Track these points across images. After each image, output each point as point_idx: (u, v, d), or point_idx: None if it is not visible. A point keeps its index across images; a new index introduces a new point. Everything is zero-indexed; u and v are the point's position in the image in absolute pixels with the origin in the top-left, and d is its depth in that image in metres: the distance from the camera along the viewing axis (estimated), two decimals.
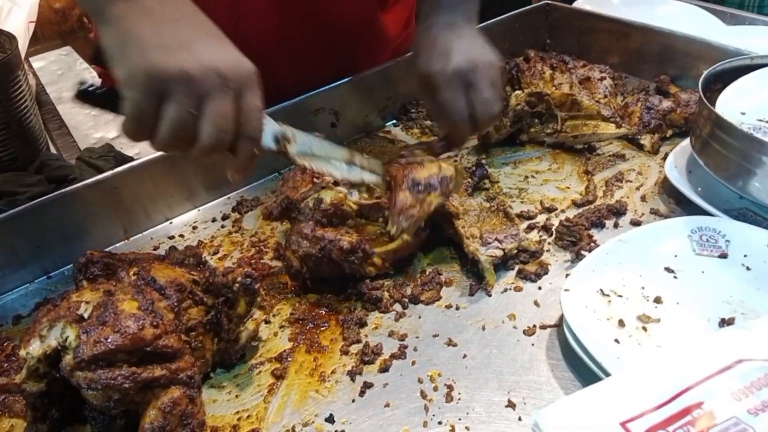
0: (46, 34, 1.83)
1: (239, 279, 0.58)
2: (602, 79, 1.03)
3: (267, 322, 0.68)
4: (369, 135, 1.01)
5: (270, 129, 0.63)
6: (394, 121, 1.05)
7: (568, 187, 0.86)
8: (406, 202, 0.69)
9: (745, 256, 0.68)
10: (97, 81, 1.24)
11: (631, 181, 0.86)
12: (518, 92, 0.93)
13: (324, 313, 0.68)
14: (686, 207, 0.79)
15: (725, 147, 0.73)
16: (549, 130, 0.94)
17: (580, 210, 0.81)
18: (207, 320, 0.59)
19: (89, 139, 1.15)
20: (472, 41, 0.81)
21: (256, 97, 0.58)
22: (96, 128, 1.17)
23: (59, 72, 1.36)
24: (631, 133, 0.92)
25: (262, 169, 0.90)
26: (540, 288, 0.70)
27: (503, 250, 0.72)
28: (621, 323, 0.61)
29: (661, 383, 0.35)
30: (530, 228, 0.79)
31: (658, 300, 0.64)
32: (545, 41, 1.23)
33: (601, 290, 0.65)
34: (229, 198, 0.89)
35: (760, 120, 0.76)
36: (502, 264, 0.72)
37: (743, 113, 0.77)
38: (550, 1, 1.21)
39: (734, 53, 0.97)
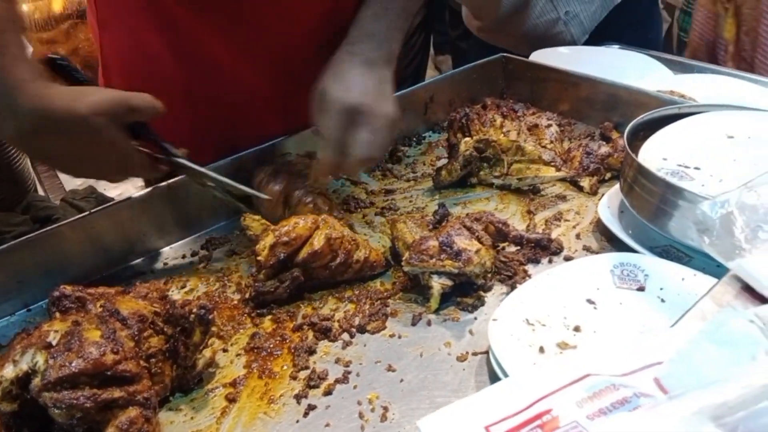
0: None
1: (194, 310, 0.65)
2: (549, 126, 1.12)
3: (225, 350, 0.74)
4: (336, 179, 1.09)
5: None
6: None
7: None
8: (428, 249, 0.78)
9: (661, 289, 0.75)
10: None
11: (568, 220, 0.94)
12: (467, 139, 1.02)
13: (278, 342, 0.74)
14: (616, 244, 0.86)
15: (645, 191, 0.81)
16: (496, 173, 1.02)
17: (519, 247, 0.88)
18: (166, 348, 0.66)
19: (75, 181, 1.23)
20: (378, 86, 0.86)
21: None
22: None
23: None
24: (569, 176, 1.01)
25: (229, 212, 0.97)
26: (476, 318, 0.76)
27: (453, 280, 0.78)
28: (541, 350, 0.68)
29: (523, 393, 0.42)
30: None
31: (577, 329, 0.71)
32: (502, 89, 1.32)
33: (527, 320, 0.72)
34: (199, 236, 0.96)
35: (680, 165, 0.84)
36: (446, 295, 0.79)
37: (665, 159, 0.85)
38: (506, 54, 1.30)
39: (668, 102, 1.06)
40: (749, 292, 0.48)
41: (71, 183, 1.20)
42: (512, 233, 0.86)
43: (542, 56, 1.49)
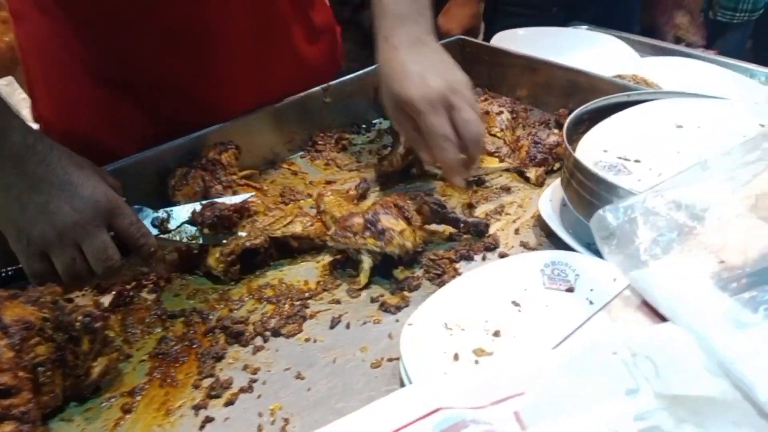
0: None
1: (79, 318, 0.61)
2: (499, 113, 1.07)
3: (129, 356, 0.70)
4: (274, 166, 1.05)
5: (148, 219, 0.78)
6: (302, 153, 1.08)
7: None
8: (352, 226, 0.76)
9: (591, 290, 0.71)
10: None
11: (509, 214, 0.89)
12: (404, 139, 0.97)
13: (185, 347, 0.71)
14: (555, 240, 0.82)
15: (580, 185, 0.76)
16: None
17: (454, 243, 0.84)
18: (55, 357, 0.62)
19: None
20: (442, 60, 0.81)
21: (125, 219, 0.72)
22: None
23: None
24: (512, 167, 0.96)
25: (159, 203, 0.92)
26: (398, 321, 0.72)
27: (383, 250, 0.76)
28: (456, 357, 0.64)
29: (375, 425, 0.38)
30: (412, 262, 0.81)
31: (496, 333, 0.67)
32: None
33: (446, 324, 0.68)
34: None
35: (620, 158, 0.79)
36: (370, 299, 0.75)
37: (605, 151, 0.81)
38: (463, 37, 1.24)
39: (621, 89, 1.01)
40: (649, 307, 0.44)
41: None
42: (449, 215, 0.82)
43: (504, 38, 1.43)
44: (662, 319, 0.42)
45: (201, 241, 0.80)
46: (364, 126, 1.15)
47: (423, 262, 0.80)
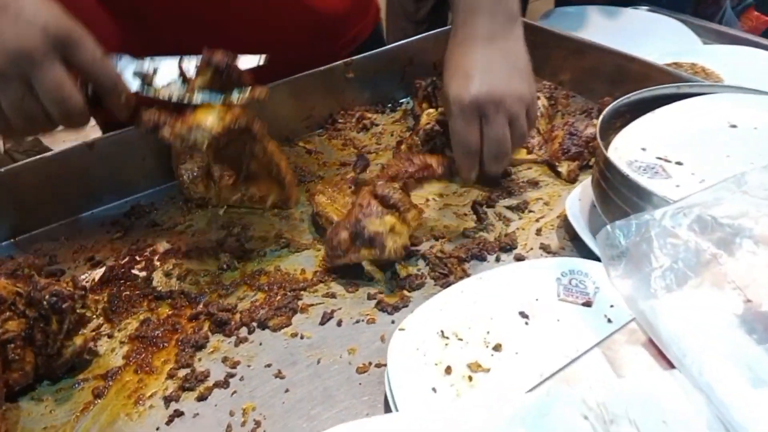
0: None
1: (47, 297, 0.57)
2: (536, 98, 0.98)
3: (110, 336, 0.67)
4: (290, 143, 0.99)
5: (129, 69, 0.65)
6: (320, 131, 1.02)
7: (466, 214, 0.82)
8: (339, 244, 0.69)
9: (611, 306, 0.63)
10: None
11: (533, 212, 0.81)
12: (431, 111, 0.90)
13: (167, 331, 0.67)
14: (579, 245, 0.74)
15: (610, 187, 0.68)
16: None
17: (468, 240, 0.77)
18: (25, 334, 0.59)
19: None
20: (505, 63, 0.74)
21: (86, 51, 0.60)
22: None
23: None
24: (540, 160, 0.88)
25: (164, 174, 0.89)
26: (393, 322, 0.67)
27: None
28: (448, 370, 0.58)
29: None
30: (409, 256, 0.75)
31: (497, 347, 0.60)
32: None
33: (442, 331, 0.62)
34: (126, 202, 0.88)
35: (660, 158, 0.70)
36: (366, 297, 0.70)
37: (644, 149, 0.72)
38: None
39: (676, 78, 0.91)
40: (657, 347, 0.37)
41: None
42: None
43: (553, 16, 1.33)
44: (670, 363, 0.35)
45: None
46: (390, 105, 1.08)
47: (430, 258, 0.73)
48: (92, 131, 1.19)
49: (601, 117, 0.74)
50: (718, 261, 0.36)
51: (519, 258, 0.74)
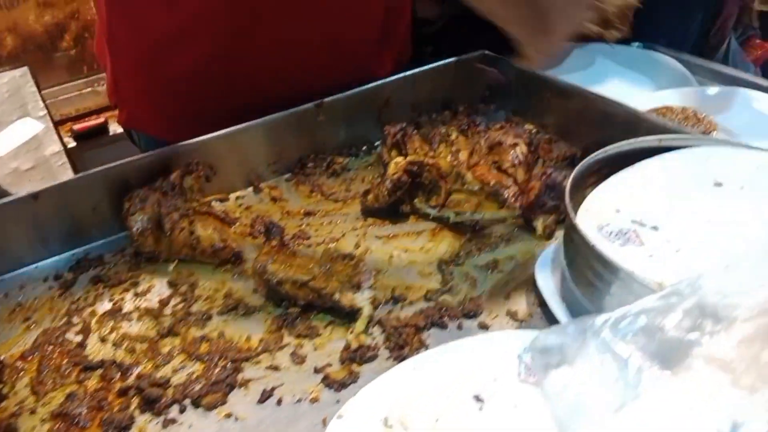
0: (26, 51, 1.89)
1: None
2: (515, 145, 0.93)
3: (33, 411, 0.62)
4: (255, 188, 0.94)
5: None
6: (288, 175, 0.97)
7: (431, 273, 0.76)
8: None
9: None
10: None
11: (503, 272, 0.76)
12: (399, 159, 0.85)
13: (93, 408, 0.61)
14: (549, 312, 0.68)
15: (578, 254, 0.63)
16: (433, 203, 0.85)
17: (430, 304, 0.71)
18: None
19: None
20: None
21: None
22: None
23: (6, 94, 1.36)
24: (513, 215, 0.82)
25: (115, 224, 0.84)
26: (338, 401, 0.61)
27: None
28: None
29: None
30: (369, 322, 0.70)
31: None
32: (484, 94, 1.13)
33: (386, 419, 0.55)
34: (74, 253, 0.83)
35: (635, 221, 0.64)
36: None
37: (618, 210, 0.66)
38: (487, 52, 1.10)
39: (661, 128, 0.85)
40: None
41: None
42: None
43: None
44: None
45: None
46: (364, 147, 1.03)
47: (386, 326, 0.68)
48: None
49: (572, 175, 0.68)
50: (662, 384, 0.30)
51: (483, 326, 0.68)
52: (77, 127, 1.76)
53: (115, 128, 1.82)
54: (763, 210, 0.65)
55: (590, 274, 0.60)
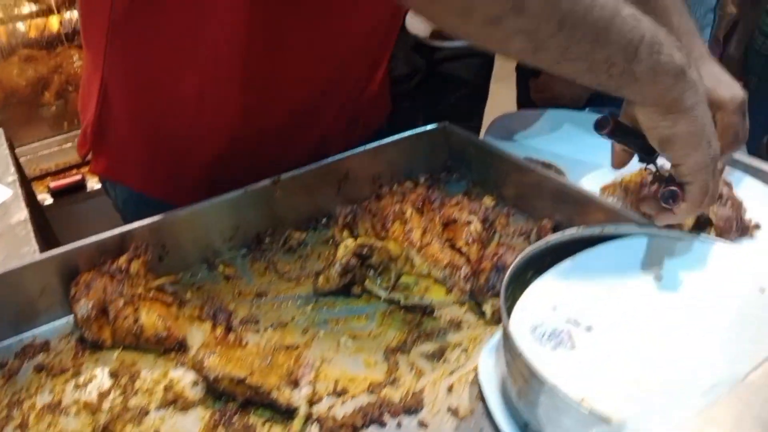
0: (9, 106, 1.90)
1: None
2: (469, 222, 0.93)
3: None
4: (210, 266, 0.94)
5: None
6: (244, 251, 0.97)
7: (376, 363, 0.76)
8: None
9: None
10: None
11: (448, 362, 0.75)
12: (348, 241, 0.85)
13: None
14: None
15: (512, 355, 0.62)
16: (384, 285, 0.84)
17: (371, 398, 0.71)
18: None
19: None
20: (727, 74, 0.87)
21: None
22: None
23: None
24: (459, 301, 0.82)
25: (63, 309, 0.84)
26: None
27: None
28: None
29: None
30: (307, 420, 0.69)
31: None
32: (446, 163, 1.14)
33: None
34: (21, 339, 0.83)
35: (570, 320, 0.64)
36: None
37: (554, 308, 0.66)
38: (448, 123, 1.11)
39: (610, 212, 0.85)
40: None
41: None
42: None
43: (508, 119, 1.30)
44: None
45: None
46: (323, 220, 1.03)
47: (323, 425, 0.67)
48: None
49: (508, 272, 0.68)
50: None
51: (422, 424, 0.67)
52: (54, 185, 1.76)
53: (92, 185, 1.83)
54: (699, 306, 0.65)
55: (521, 380, 0.60)
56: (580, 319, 0.64)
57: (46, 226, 1.72)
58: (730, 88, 0.85)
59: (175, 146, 1.00)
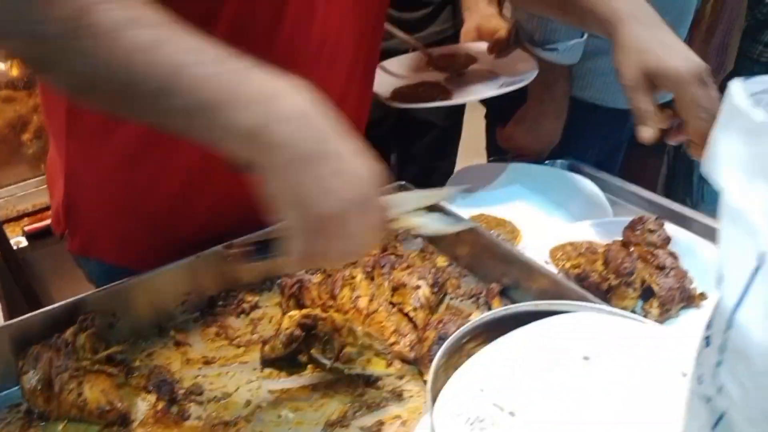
0: None
1: None
2: (417, 287, 0.95)
3: None
4: (161, 332, 0.95)
5: None
6: (197, 314, 0.98)
7: None
8: None
9: None
10: None
11: None
12: (292, 313, 0.86)
13: None
14: None
15: None
16: (328, 355, 0.86)
17: None
18: None
19: None
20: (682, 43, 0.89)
21: None
22: None
23: None
24: (398, 375, 0.83)
25: (11, 380, 0.85)
26: None
27: None
28: None
29: None
30: None
31: None
32: None
33: None
34: None
35: (495, 405, 0.65)
36: None
37: (482, 390, 0.67)
38: (404, 183, 1.13)
39: (552, 285, 0.87)
40: None
41: None
42: None
43: (467, 173, 1.32)
44: None
45: None
46: (279, 280, 1.04)
47: None
48: None
49: (439, 353, 0.70)
50: None
51: None
52: (28, 228, 1.78)
53: None
54: (622, 391, 0.66)
55: None
56: (504, 403, 0.65)
57: (18, 269, 1.73)
58: (684, 59, 0.85)
59: (155, 222, 1.01)
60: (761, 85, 0.37)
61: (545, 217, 1.18)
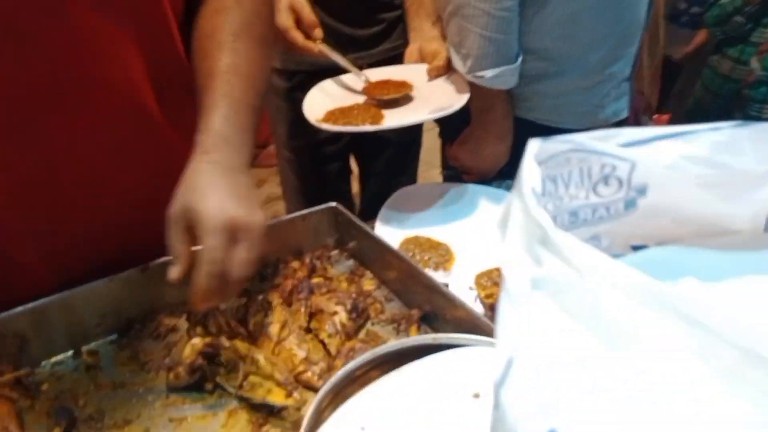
0: None
1: None
2: (335, 313, 0.94)
3: None
4: (75, 356, 0.94)
5: None
6: (113, 336, 0.97)
7: None
8: None
9: None
10: None
11: None
12: (196, 341, 0.85)
13: None
14: None
15: None
16: (233, 383, 0.84)
17: None
18: None
19: None
20: (249, 197, 0.80)
21: None
22: None
23: None
24: (296, 407, 0.81)
25: None
26: None
27: None
28: None
29: None
30: None
31: None
32: (337, 241, 1.15)
33: None
34: None
35: None
36: None
37: (362, 429, 0.66)
38: (334, 205, 1.12)
39: (467, 317, 0.86)
40: None
41: None
42: None
43: (408, 193, 1.31)
44: None
45: None
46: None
47: None
48: None
49: (325, 387, 0.68)
50: None
51: None
52: None
53: None
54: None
55: None
56: None
57: None
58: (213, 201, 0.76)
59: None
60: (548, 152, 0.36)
61: (480, 240, 1.16)
